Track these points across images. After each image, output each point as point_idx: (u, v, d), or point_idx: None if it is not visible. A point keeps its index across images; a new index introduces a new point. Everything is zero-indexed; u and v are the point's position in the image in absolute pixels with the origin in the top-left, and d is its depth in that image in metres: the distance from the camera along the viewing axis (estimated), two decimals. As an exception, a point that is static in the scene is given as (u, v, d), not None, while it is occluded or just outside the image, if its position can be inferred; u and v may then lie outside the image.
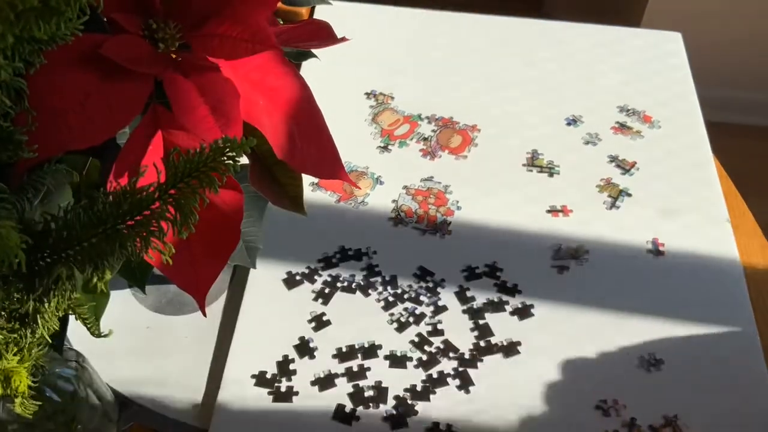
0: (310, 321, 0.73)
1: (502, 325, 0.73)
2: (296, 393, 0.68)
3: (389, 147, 0.88)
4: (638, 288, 0.77)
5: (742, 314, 0.75)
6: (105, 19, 0.45)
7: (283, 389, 0.68)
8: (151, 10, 0.46)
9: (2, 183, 0.36)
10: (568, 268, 0.78)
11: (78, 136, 0.42)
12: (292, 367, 0.70)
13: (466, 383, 0.69)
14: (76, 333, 0.53)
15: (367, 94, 0.95)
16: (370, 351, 0.71)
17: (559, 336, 0.73)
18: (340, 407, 0.67)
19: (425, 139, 0.89)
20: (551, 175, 0.87)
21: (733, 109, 1.91)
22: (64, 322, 0.49)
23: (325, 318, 0.73)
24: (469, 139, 0.90)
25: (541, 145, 0.90)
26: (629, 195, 0.85)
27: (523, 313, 0.74)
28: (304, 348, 0.71)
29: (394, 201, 0.83)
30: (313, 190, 0.84)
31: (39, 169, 0.40)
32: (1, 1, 0.29)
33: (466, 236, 0.81)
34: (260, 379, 0.69)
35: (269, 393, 0.68)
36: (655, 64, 1.01)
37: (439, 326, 0.73)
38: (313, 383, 0.69)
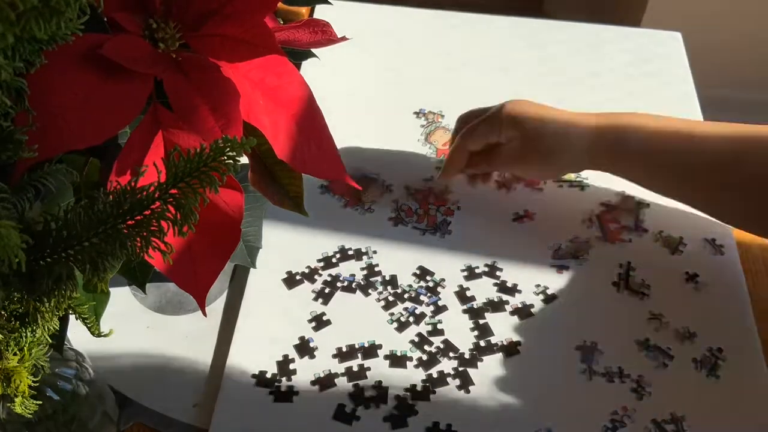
0: (310, 321, 0.73)
1: (502, 325, 0.73)
2: (296, 393, 0.68)
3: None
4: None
5: (741, 314, 0.75)
6: (105, 19, 0.45)
7: (283, 389, 0.68)
8: (151, 10, 0.46)
9: (2, 183, 0.36)
10: (568, 268, 0.78)
11: (78, 135, 0.42)
12: (292, 366, 0.70)
13: (466, 383, 0.69)
14: (76, 333, 0.53)
15: (416, 114, 0.94)
16: (370, 351, 0.71)
17: (559, 335, 0.73)
18: (340, 407, 0.67)
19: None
20: (582, 189, 0.86)
21: (733, 109, 1.91)
22: (64, 322, 0.49)
23: (325, 318, 0.73)
24: None
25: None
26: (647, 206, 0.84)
27: (523, 313, 0.74)
28: (304, 348, 0.71)
29: (394, 201, 0.83)
30: (321, 193, 0.84)
31: (39, 169, 0.40)
32: (1, 1, 0.29)
33: (466, 236, 0.81)
34: (260, 379, 0.69)
35: (269, 393, 0.68)
36: (655, 64, 1.01)
37: (439, 326, 0.73)
38: (313, 383, 0.69)
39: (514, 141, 0.78)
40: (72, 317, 0.45)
